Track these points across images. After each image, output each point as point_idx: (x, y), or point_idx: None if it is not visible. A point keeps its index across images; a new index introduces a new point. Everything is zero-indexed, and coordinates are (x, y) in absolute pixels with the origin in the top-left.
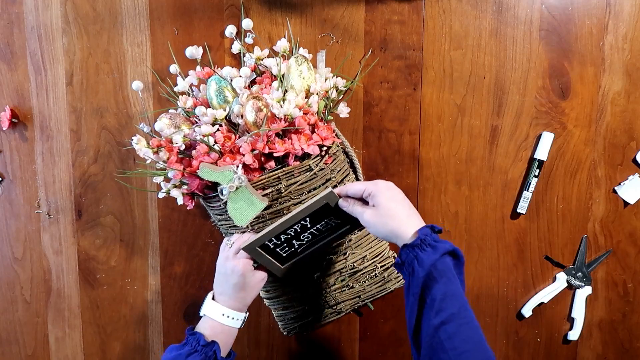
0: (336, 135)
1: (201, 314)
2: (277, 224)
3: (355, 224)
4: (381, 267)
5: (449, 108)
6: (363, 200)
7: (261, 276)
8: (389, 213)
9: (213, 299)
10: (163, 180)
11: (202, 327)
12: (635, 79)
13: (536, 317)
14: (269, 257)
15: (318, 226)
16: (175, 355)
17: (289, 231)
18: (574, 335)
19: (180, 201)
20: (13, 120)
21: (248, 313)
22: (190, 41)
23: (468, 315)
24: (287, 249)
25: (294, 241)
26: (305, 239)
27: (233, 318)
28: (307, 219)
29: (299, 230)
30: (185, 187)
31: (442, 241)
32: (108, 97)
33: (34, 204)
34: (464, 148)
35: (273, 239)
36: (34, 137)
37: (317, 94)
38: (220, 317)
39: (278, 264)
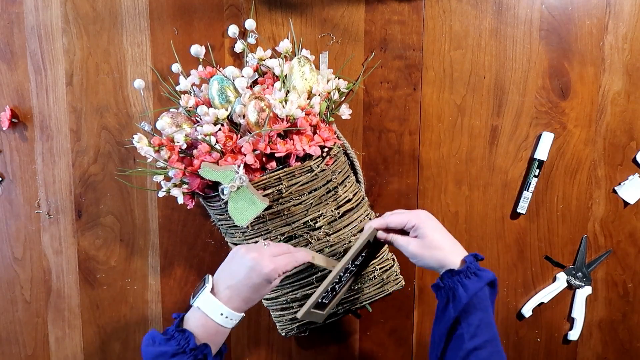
0: (337, 136)
1: (194, 305)
2: (330, 278)
3: (378, 248)
4: (380, 269)
5: (449, 108)
6: (402, 231)
7: (277, 280)
8: (436, 244)
9: (212, 291)
10: (163, 179)
11: (192, 324)
12: (635, 79)
13: (536, 317)
14: (317, 311)
15: (356, 262)
16: (159, 353)
17: (334, 280)
18: (574, 335)
19: (180, 200)
20: (13, 120)
21: (244, 315)
22: (190, 41)
23: (499, 345)
24: (329, 294)
25: (336, 286)
26: (344, 279)
27: (231, 319)
28: (350, 262)
29: (342, 275)
30: (186, 186)
31: (485, 270)
32: (108, 97)
33: (34, 204)
34: (464, 148)
35: (325, 293)
36: (34, 137)
37: (319, 95)
38: (218, 316)
39: (321, 312)
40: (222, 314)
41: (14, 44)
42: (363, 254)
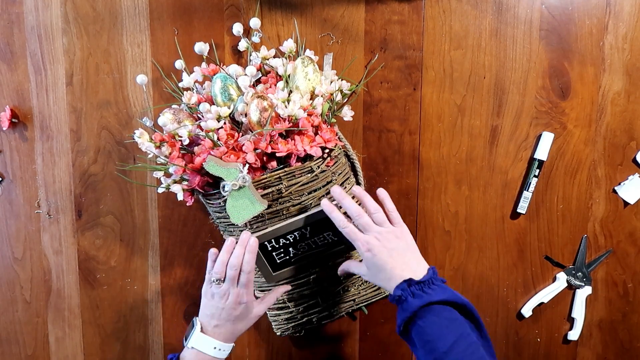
0: (339, 138)
1: (188, 346)
2: (280, 225)
3: (349, 246)
4: None
5: (449, 108)
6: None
7: (259, 309)
8: (375, 272)
9: (201, 330)
10: (163, 176)
11: None
12: (635, 79)
13: (536, 317)
14: (264, 259)
15: (316, 238)
16: None
17: (288, 236)
18: (574, 335)
19: (180, 197)
20: (13, 120)
21: (234, 344)
22: (191, 41)
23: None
24: (282, 255)
25: (290, 248)
26: (301, 249)
27: (224, 351)
28: (308, 228)
29: (297, 238)
30: (186, 182)
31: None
32: (108, 97)
33: (34, 204)
34: (464, 148)
35: (273, 240)
36: (34, 137)
37: (322, 96)
38: (212, 350)
39: (270, 269)
40: (215, 347)
41: (14, 44)
42: (327, 236)
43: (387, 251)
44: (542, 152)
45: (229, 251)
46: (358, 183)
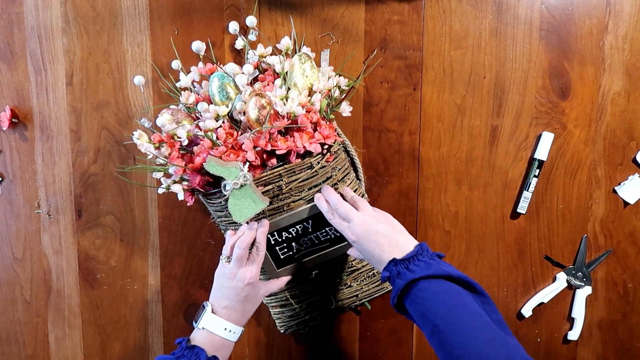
0: (338, 134)
1: (199, 327)
2: (282, 217)
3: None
4: None
5: (449, 108)
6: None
7: (264, 290)
8: (366, 254)
9: (212, 312)
10: (163, 176)
11: (200, 342)
12: (635, 79)
13: (536, 317)
14: (268, 255)
15: (318, 233)
16: None
17: (291, 229)
18: (574, 335)
19: (181, 197)
20: (13, 120)
21: (244, 328)
22: (190, 41)
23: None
24: (285, 250)
25: (293, 243)
26: (304, 245)
27: (234, 332)
28: (310, 221)
29: (300, 232)
30: (186, 182)
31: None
32: (108, 97)
33: (34, 204)
34: (464, 148)
35: (275, 233)
36: (34, 137)
37: (320, 92)
38: (223, 331)
39: (274, 264)
40: (226, 329)
41: (14, 44)
42: (329, 231)
43: (371, 235)
44: (542, 152)
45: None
46: (358, 178)
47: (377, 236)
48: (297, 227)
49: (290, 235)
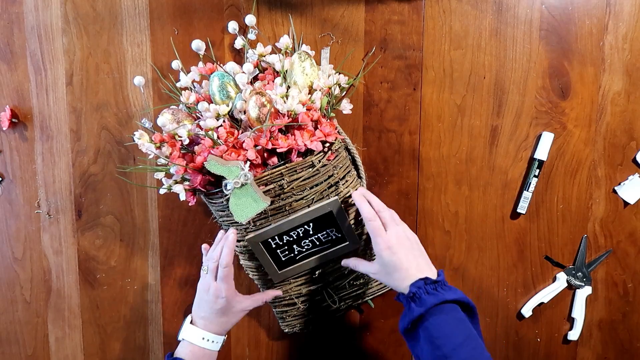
0: (338, 131)
1: (179, 338)
2: (283, 222)
3: (354, 242)
4: None
5: (449, 108)
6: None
7: (245, 304)
8: (390, 270)
9: (191, 322)
10: (164, 177)
11: (182, 353)
12: (635, 79)
13: (536, 317)
14: (269, 257)
15: (319, 235)
16: None
17: (292, 233)
18: (574, 335)
19: (182, 197)
20: (13, 120)
21: (227, 336)
22: (190, 41)
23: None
24: (287, 252)
25: (294, 246)
26: (306, 247)
27: (213, 341)
28: (311, 224)
29: (301, 234)
30: (187, 183)
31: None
32: (108, 97)
33: (34, 204)
34: (464, 148)
35: (276, 237)
36: (34, 137)
37: (320, 90)
38: (200, 340)
39: (276, 267)
40: (204, 338)
41: (14, 44)
42: (330, 232)
43: (404, 251)
44: (542, 152)
45: (217, 243)
46: (359, 176)
47: (409, 253)
48: (298, 230)
49: (291, 238)
